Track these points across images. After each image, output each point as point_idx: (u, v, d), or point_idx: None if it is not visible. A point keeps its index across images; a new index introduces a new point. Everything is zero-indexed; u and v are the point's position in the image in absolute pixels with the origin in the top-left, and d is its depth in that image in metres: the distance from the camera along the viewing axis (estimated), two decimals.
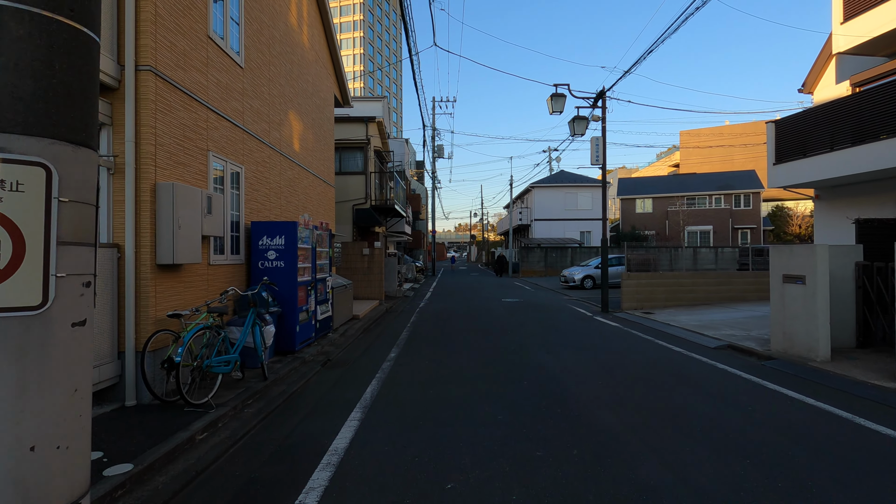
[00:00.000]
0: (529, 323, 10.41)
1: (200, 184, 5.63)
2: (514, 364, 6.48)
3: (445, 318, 11.42)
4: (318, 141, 11.05)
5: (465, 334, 9.02)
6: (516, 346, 7.68)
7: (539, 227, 34.57)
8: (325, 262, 8.50)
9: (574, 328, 9.71)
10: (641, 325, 10.19)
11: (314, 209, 10.67)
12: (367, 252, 14.68)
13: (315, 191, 10.75)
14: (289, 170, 8.91)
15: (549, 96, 12.72)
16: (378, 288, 14.66)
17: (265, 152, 7.74)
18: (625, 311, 12.41)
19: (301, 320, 7.11)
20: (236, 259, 6.66)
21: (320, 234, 8.19)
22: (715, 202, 38.90)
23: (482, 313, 12.13)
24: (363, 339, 8.74)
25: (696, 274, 13.26)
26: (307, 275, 7.46)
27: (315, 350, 7.38)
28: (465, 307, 13.52)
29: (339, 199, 16.02)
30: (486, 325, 10.21)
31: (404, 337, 8.81)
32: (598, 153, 12.74)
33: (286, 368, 6.17)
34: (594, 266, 20.56)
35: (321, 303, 8.16)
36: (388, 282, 16.97)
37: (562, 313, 12.21)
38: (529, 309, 13.05)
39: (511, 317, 11.40)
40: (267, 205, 7.80)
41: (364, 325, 10.11)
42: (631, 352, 7.31)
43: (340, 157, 16.33)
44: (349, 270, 14.65)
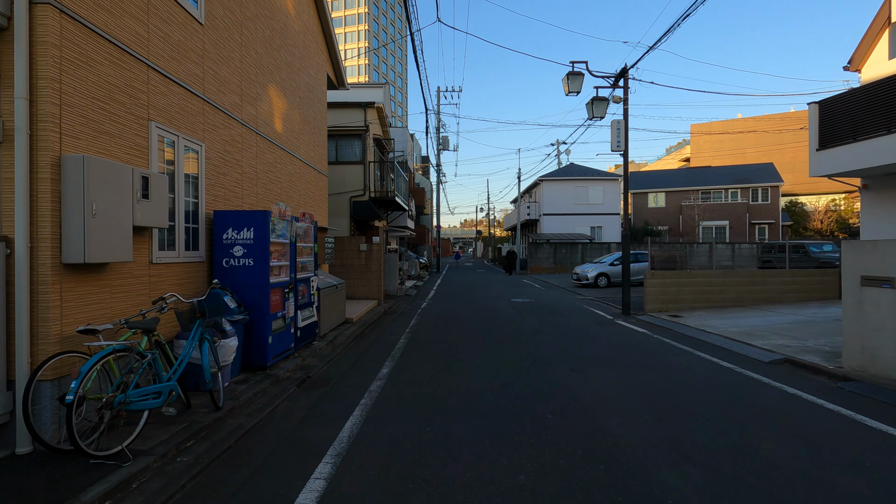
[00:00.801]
0: (545, 328, 9.19)
1: (137, 161, 4.45)
2: (533, 388, 5.26)
3: (449, 321, 10.23)
4: (307, 123, 9.86)
5: (472, 343, 7.82)
6: (533, 361, 6.47)
7: (548, 221, 33.26)
8: (309, 260, 7.31)
9: (597, 336, 8.48)
10: (672, 331, 8.94)
11: (302, 200, 9.49)
12: (365, 248, 13.50)
13: (303, 179, 9.57)
14: (268, 153, 7.72)
15: (564, 75, 11.44)
16: (377, 287, 13.49)
17: (236, 130, 6.55)
18: (649, 314, 11.15)
19: (275, 329, 5.93)
20: (194, 256, 5.48)
21: (303, 226, 7.01)
22: (731, 196, 37.39)
23: (490, 316, 10.92)
24: (353, 349, 7.57)
25: (726, 272, 11.98)
26: (284, 274, 6.28)
27: (293, 364, 6.21)
28: (471, 308, 12.31)
29: (334, 191, 14.85)
30: (495, 330, 9.00)
31: (401, 346, 7.63)
32: (620, 138, 11.46)
33: (251, 391, 5.00)
34: (609, 263, 19.29)
35: (303, 307, 6.98)
36: (388, 280, 15.81)
37: (579, 316, 10.98)
38: (542, 311, 11.82)
39: (523, 320, 10.18)
40: (238, 192, 6.62)
41: (357, 331, 8.93)
42: (672, 369, 6.07)
43: (336, 146, 15.15)
44: (345, 268, 13.48)
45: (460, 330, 9.09)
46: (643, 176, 42.79)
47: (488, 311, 11.67)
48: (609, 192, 33.43)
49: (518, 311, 11.77)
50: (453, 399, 4.85)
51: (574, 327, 9.36)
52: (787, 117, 74.43)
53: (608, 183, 33.57)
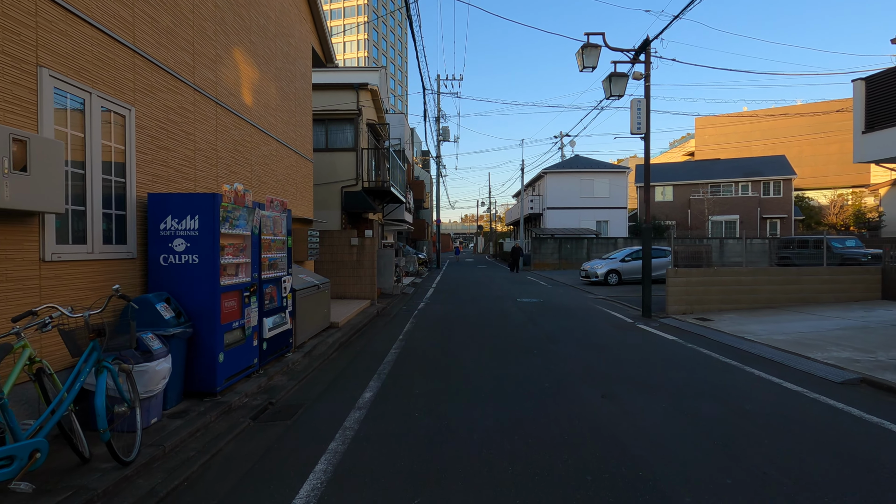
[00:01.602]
0: (560, 335, 7.97)
1: (15, 119, 3.22)
2: (558, 426, 4.04)
3: (448, 326, 9.01)
4: (287, 100, 8.61)
5: (475, 355, 6.60)
6: (552, 382, 5.24)
7: (552, 215, 31.98)
8: (280, 256, 6.09)
9: (621, 345, 7.26)
10: (706, 339, 7.72)
11: (280, 187, 8.26)
12: (357, 242, 12.27)
13: (281, 164, 8.33)
14: (233, 128, 6.48)
15: (578, 49, 10.17)
16: (369, 285, 12.27)
17: (185, 96, 5.31)
18: (672, 317, 9.94)
19: (229, 343, 4.72)
20: (118, 252, 4.26)
21: (270, 215, 5.78)
22: (741, 189, 36.09)
23: (496, 319, 9.70)
24: (335, 362, 6.35)
25: (757, 270, 10.75)
26: (243, 274, 5.06)
27: (255, 385, 5.00)
28: (474, 310, 11.09)
29: (324, 181, 13.61)
30: (502, 338, 7.79)
31: (391, 359, 6.41)
32: (641, 119, 10.21)
33: (187, 428, 3.79)
34: (619, 259, 18.06)
35: (272, 313, 5.76)
36: (383, 277, 14.60)
37: (595, 319, 9.76)
38: (553, 313, 10.60)
39: (533, 325, 8.96)
40: (189, 173, 5.38)
41: (342, 338, 7.72)
42: (730, 394, 4.85)
43: (326, 131, 13.89)
44: (334, 264, 12.26)
45: (462, 337, 7.87)
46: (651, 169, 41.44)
47: (493, 313, 10.45)
48: (615, 184, 32.15)
49: (526, 312, 10.54)
50: (452, 445, 3.64)
51: (592, 334, 8.14)
52: (792, 110, 73.10)
53: (614, 175, 32.29)
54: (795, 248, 22.16)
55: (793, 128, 70.26)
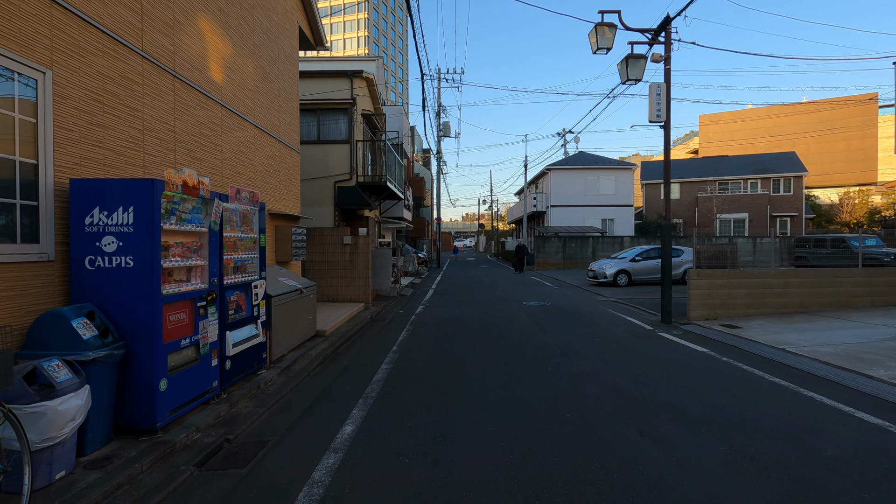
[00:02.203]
0: (576, 346, 7.04)
1: None
2: (589, 477, 3.12)
3: (449, 334, 8.09)
4: (269, 82, 7.69)
5: (479, 373, 5.68)
6: (576, 412, 4.31)
7: (556, 213, 31.04)
8: (250, 257, 5.17)
9: (647, 358, 6.34)
10: (741, 350, 6.80)
11: (259, 179, 7.35)
12: (350, 241, 11.36)
13: (261, 153, 7.42)
14: (198, 108, 5.56)
15: (592, 29, 9.24)
16: (363, 287, 11.36)
17: (130, 63, 4.39)
18: (695, 323, 9.02)
19: (178, 365, 3.81)
20: (27, 253, 3.35)
21: (236, 208, 4.86)
22: (750, 187, 35.12)
23: (501, 326, 8.78)
24: (315, 381, 5.43)
25: (786, 272, 9.84)
26: (198, 279, 4.15)
27: (212, 415, 4.09)
28: (477, 315, 10.17)
29: (316, 175, 12.71)
30: (509, 350, 6.87)
31: (382, 377, 5.49)
32: (661, 105, 9.29)
33: (104, 485, 2.88)
34: (629, 259, 17.13)
35: (238, 325, 4.85)
36: (379, 278, 13.69)
37: (611, 326, 8.83)
38: (563, 318, 9.67)
39: (544, 333, 8.04)
40: (135, 157, 4.46)
41: (328, 349, 6.80)
42: (795, 428, 3.91)
43: (318, 122, 12.97)
44: (326, 265, 11.36)
45: (463, 348, 6.94)
46: (655, 166, 40.45)
47: (498, 319, 9.52)
48: (621, 181, 31.19)
49: (534, 318, 9.62)
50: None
51: (610, 344, 7.21)
52: (798, 108, 72.16)
53: (620, 172, 31.32)
54: (811, 248, 21.22)
55: (798, 125, 69.29)
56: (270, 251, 7.72)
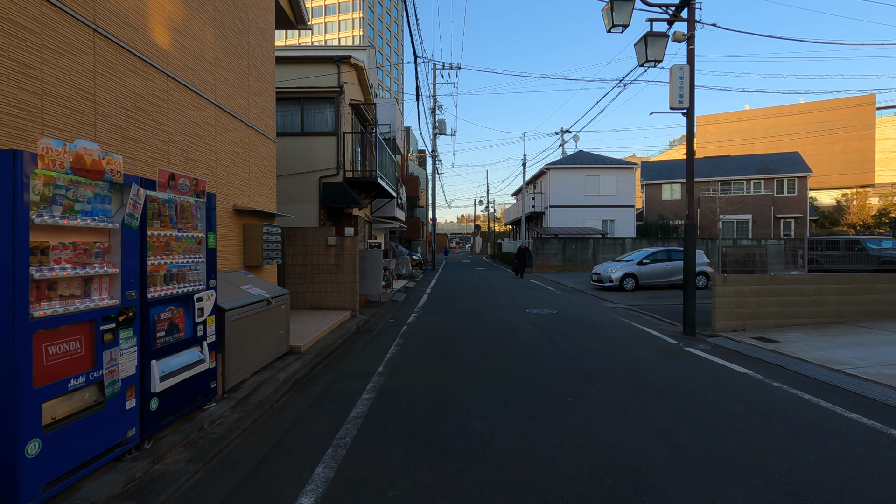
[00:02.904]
0: (594, 367, 5.96)
1: None
2: None
3: (444, 350, 6.99)
4: (235, 56, 6.59)
5: (483, 406, 4.59)
6: (614, 470, 3.24)
7: (555, 214, 30.03)
8: (193, 262, 4.06)
9: (684, 384, 5.27)
10: (787, 371, 5.75)
11: (223, 169, 6.24)
12: (335, 242, 10.25)
13: (225, 138, 6.31)
14: (132, 75, 4.45)
15: (607, 3, 8.20)
16: (350, 293, 10.25)
17: (21, 3, 3.29)
18: (722, 335, 7.99)
19: (61, 417, 2.70)
20: None
21: (170, 199, 3.76)
22: (753, 188, 34.28)
23: (503, 339, 7.70)
24: (277, 419, 4.32)
25: (822, 277, 8.82)
26: (103, 293, 3.04)
27: (121, 480, 2.97)
28: (475, 324, 9.08)
29: (299, 170, 11.61)
30: (516, 372, 5.78)
31: (360, 414, 4.39)
32: (683, 90, 8.27)
33: None
34: (636, 262, 16.10)
35: (173, 350, 3.74)
36: (368, 282, 12.59)
37: (627, 339, 7.77)
38: (573, 329, 8.60)
39: (553, 348, 6.96)
40: (22, 127, 3.35)
41: (301, 371, 5.69)
42: None
43: (302, 111, 11.87)
44: (308, 269, 10.25)
45: (462, 370, 5.85)
46: (656, 166, 39.60)
47: (500, 330, 8.44)
48: (622, 181, 30.21)
49: (541, 329, 8.54)
50: None
51: (634, 363, 6.14)
52: (796, 109, 71.77)
53: (621, 172, 30.35)
54: (824, 250, 20.29)
55: (796, 126, 68.91)
56: (235, 254, 6.61)
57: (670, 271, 16.05)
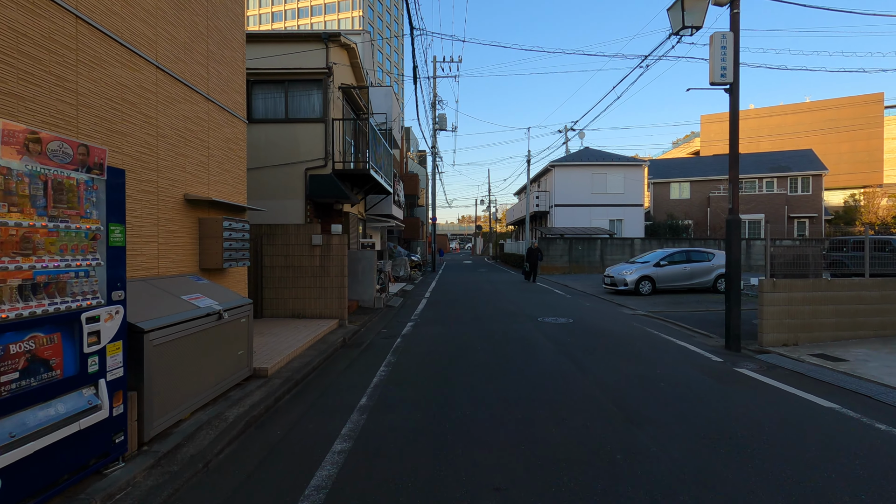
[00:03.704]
0: (640, 401, 4.69)
1: None
2: None
3: (444, 373, 5.73)
4: (188, 13, 5.34)
5: (505, 477, 3.33)
6: None
7: (560, 214, 28.77)
8: (78, 265, 2.79)
9: (767, 432, 4.00)
10: (891, 407, 4.49)
11: (170, 148, 4.99)
12: (320, 241, 9.01)
13: (172, 110, 5.05)
14: (8, 6, 3.20)
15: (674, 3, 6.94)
16: (337, 299, 8.99)
17: None
18: (772, 350, 6.74)
19: None
20: None
21: (33, 172, 2.50)
22: (766, 186, 33.01)
23: (519, 360, 6.42)
24: (203, 490, 3.06)
25: (887, 282, 7.57)
26: None
27: None
28: (483, 339, 7.82)
29: (282, 160, 10.38)
30: (539, 408, 4.50)
31: (326, 478, 3.12)
32: (727, 61, 7.02)
33: None
34: (653, 263, 14.83)
35: (29, 400, 2.48)
36: (361, 286, 11.35)
37: (666, 358, 6.50)
38: (600, 345, 7.33)
39: (584, 374, 5.68)
40: None
41: (259, 406, 4.42)
42: None
43: (286, 95, 10.62)
44: (291, 272, 9.00)
45: (466, 404, 4.58)
46: (663, 164, 38.35)
47: (511, 345, 7.17)
48: (631, 179, 28.94)
49: (560, 344, 7.27)
50: None
51: (686, 393, 4.88)
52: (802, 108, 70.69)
53: (629, 169, 29.08)
54: (849, 251, 19.01)
55: (802, 125, 67.83)
56: (186, 255, 5.35)
57: (690, 274, 14.80)
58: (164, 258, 4.92)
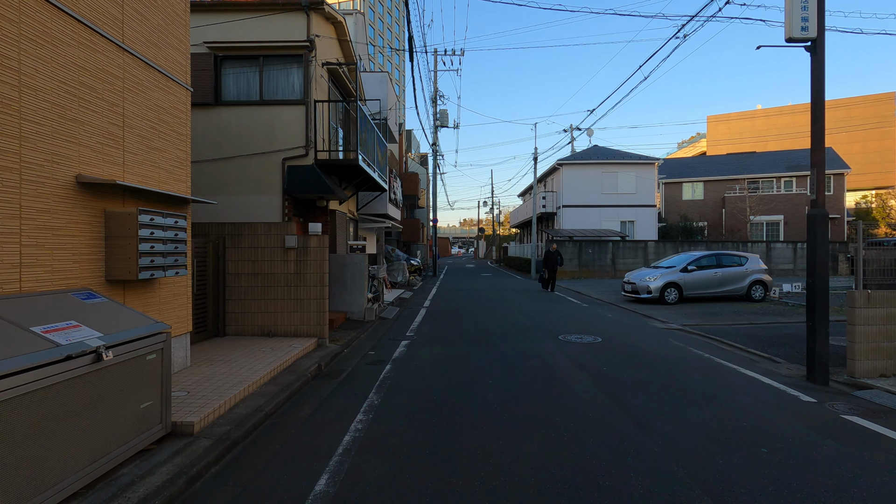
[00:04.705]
0: (731, 478, 3.11)
1: None
2: None
3: (445, 429, 4.13)
4: None
5: None
6: None
7: (568, 215, 27.19)
8: None
9: None
10: None
11: (31, 105, 3.43)
12: (294, 243, 7.46)
13: (54, 54, 3.50)
14: None
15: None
16: (315, 312, 7.43)
17: None
18: (873, 384, 5.15)
19: None
20: None
21: None
22: (785, 186, 31.38)
23: (547, 404, 4.81)
24: None
25: None
26: None
27: None
28: (494, 366, 6.23)
29: (255, 149, 8.88)
30: (590, 493, 2.92)
31: None
32: (808, 11, 5.43)
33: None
34: (679, 269, 13.22)
35: None
36: (349, 295, 9.82)
37: (735, 394, 4.90)
38: (647, 377, 5.74)
39: (639, 431, 4.08)
40: None
41: (157, 498, 2.85)
42: None
43: (261, 73, 9.10)
44: (259, 280, 7.46)
45: (479, 490, 3.00)
46: (675, 164, 36.78)
47: (534, 380, 5.57)
48: (643, 178, 27.33)
49: (595, 375, 5.67)
50: None
51: (796, 463, 3.29)
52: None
53: (642, 168, 27.48)
54: None
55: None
56: (81, 261, 3.78)
57: (721, 280, 13.19)
58: (38, 266, 3.37)
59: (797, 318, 10.21)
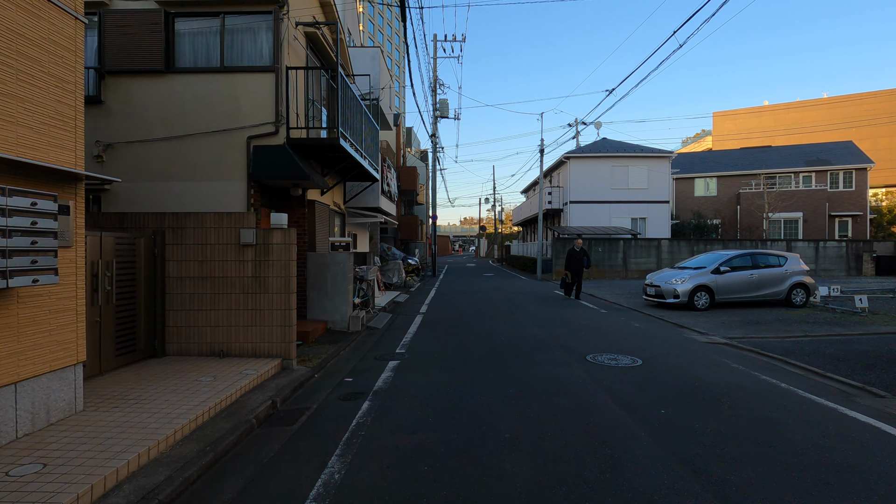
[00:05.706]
0: None
1: None
2: None
3: None
4: None
5: None
6: None
7: (576, 211, 25.61)
8: None
9: None
10: None
11: None
12: (251, 239, 5.89)
13: None
14: None
15: None
16: (279, 326, 5.87)
17: None
18: None
19: None
20: None
21: None
22: (803, 181, 29.78)
23: (593, 477, 3.27)
24: None
25: None
26: None
27: None
28: (510, 404, 4.65)
29: (212, 127, 7.33)
30: None
31: None
32: None
33: None
34: (710, 270, 11.63)
35: None
36: (330, 301, 8.29)
37: (856, 456, 3.34)
38: (715, 423, 4.16)
39: None
40: None
41: None
42: None
43: (221, 35, 7.53)
44: (209, 284, 5.90)
45: None
46: (686, 158, 35.15)
47: (567, 432, 4.01)
48: (655, 172, 25.71)
49: (647, 421, 4.10)
50: None
51: None
52: (819, 103, 67.75)
53: (654, 161, 25.85)
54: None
55: (821, 121, 64.81)
56: None
57: (757, 283, 11.62)
58: None
59: (858, 329, 8.64)
